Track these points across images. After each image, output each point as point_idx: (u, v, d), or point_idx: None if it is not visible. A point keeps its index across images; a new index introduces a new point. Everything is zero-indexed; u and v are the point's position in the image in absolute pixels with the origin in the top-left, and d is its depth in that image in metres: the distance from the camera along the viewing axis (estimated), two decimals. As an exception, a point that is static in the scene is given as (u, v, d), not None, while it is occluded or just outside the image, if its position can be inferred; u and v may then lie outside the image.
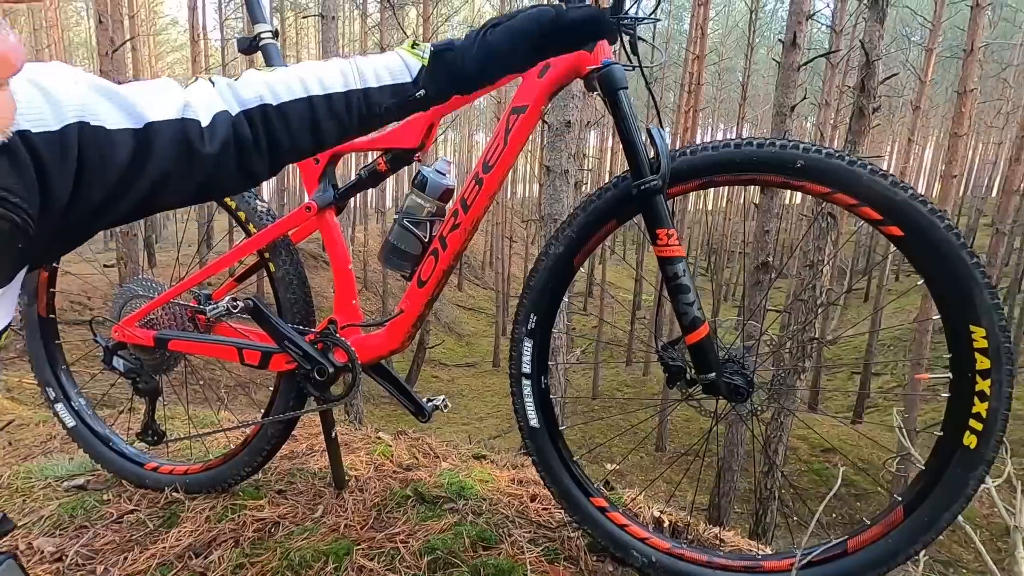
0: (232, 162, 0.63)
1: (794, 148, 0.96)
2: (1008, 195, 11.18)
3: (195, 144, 0.59)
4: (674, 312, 1.02)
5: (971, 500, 0.97)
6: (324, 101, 0.67)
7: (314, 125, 0.67)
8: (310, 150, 0.70)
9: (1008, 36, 21.46)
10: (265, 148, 0.65)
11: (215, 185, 0.64)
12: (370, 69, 0.71)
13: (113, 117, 0.54)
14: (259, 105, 0.64)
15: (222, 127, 0.61)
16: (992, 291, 0.92)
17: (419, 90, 0.72)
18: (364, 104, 0.70)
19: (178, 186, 0.59)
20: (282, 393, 1.32)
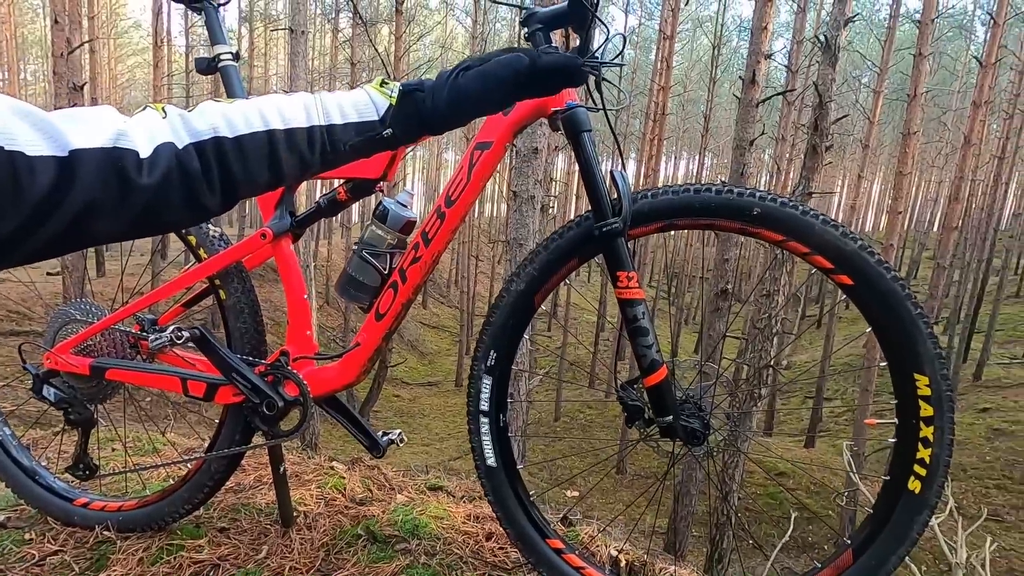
0: (176, 195, 0.59)
1: (751, 196, 0.99)
2: (948, 231, 11.85)
3: (130, 174, 0.55)
4: (634, 352, 1.02)
5: (916, 543, 1.00)
6: (285, 135, 0.65)
7: (273, 159, 0.65)
8: (267, 185, 0.67)
9: (947, 83, 22.97)
10: (217, 181, 0.61)
11: (156, 218, 0.60)
12: (335, 105, 0.69)
13: (33, 142, 0.50)
14: (212, 137, 0.61)
15: (164, 158, 0.57)
16: (935, 341, 0.96)
17: (386, 129, 0.70)
18: (327, 140, 0.68)
19: (110, 218, 0.55)
20: (228, 426, 1.26)
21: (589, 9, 0.98)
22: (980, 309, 17.16)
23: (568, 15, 1.00)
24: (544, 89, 0.75)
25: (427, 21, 27.16)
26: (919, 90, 9.68)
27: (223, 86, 1.20)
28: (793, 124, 14.96)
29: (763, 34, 6.83)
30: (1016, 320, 18.76)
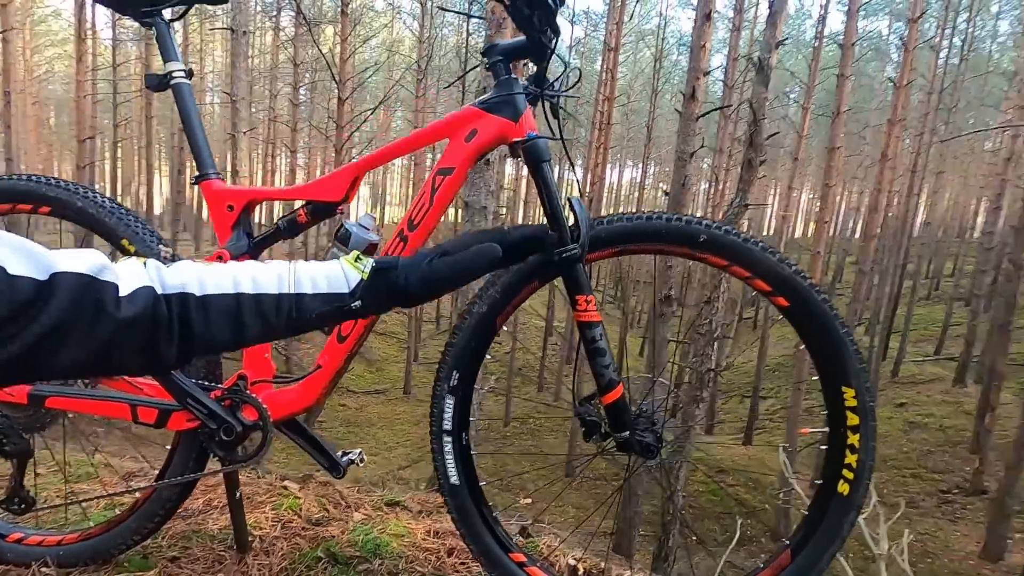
0: (139, 338, 0.60)
1: (698, 224, 1.06)
2: (868, 239, 12.74)
3: (106, 304, 0.56)
4: (592, 372, 1.08)
5: (845, 540, 1.10)
6: (252, 300, 0.67)
7: (236, 321, 0.66)
8: (228, 344, 0.68)
9: (867, 101, 24.71)
10: (176, 332, 0.62)
11: (115, 355, 0.59)
12: (308, 276, 0.72)
13: (15, 263, 0.50)
14: (180, 292, 0.63)
15: (141, 300, 0.59)
16: (859, 356, 1.06)
17: (355, 301, 0.73)
18: (295, 308, 0.70)
19: (75, 343, 0.55)
20: (181, 453, 1.22)
21: (547, 45, 1.03)
22: (897, 310, 18.52)
23: (527, 47, 1.05)
24: (514, 262, 0.85)
25: (373, 23, 26.78)
26: (842, 108, 10.39)
27: (175, 104, 1.18)
28: (730, 136, 15.70)
29: (702, 52, 7.16)
30: (928, 320, 20.35)
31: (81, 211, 1.20)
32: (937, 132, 17.62)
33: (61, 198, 1.20)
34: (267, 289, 0.68)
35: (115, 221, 1.19)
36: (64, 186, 1.20)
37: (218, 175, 1.19)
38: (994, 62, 25.67)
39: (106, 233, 1.20)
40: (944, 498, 11.36)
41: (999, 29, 26.33)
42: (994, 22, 25.82)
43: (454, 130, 1.10)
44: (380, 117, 28.58)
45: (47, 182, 1.21)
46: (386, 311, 0.78)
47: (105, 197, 1.22)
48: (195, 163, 1.18)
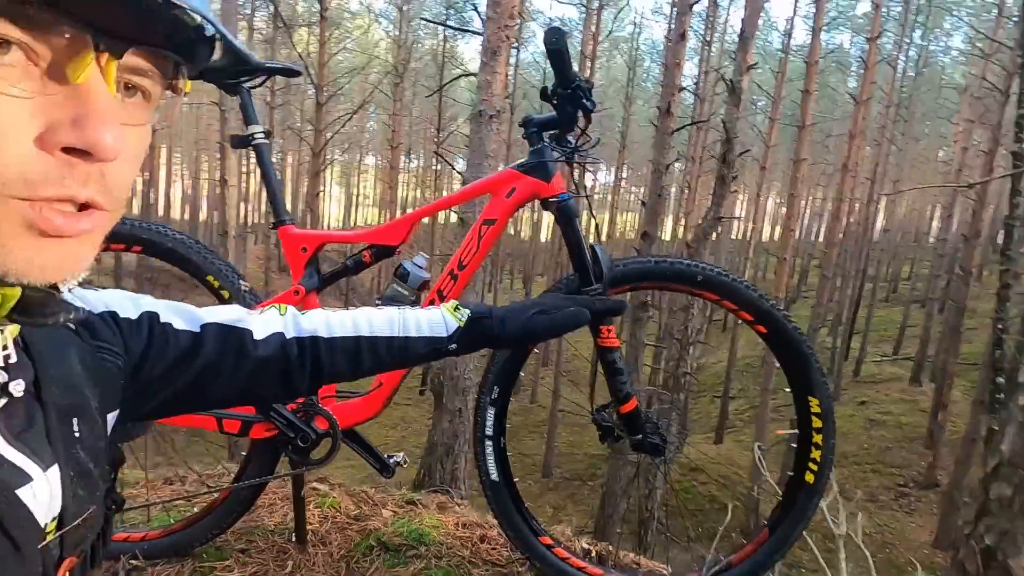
0: (275, 372, 0.74)
1: (696, 266, 1.32)
2: (831, 246, 13.37)
3: (246, 346, 0.72)
4: (610, 388, 1.32)
5: (811, 520, 1.37)
6: (368, 341, 0.80)
7: (355, 359, 0.80)
8: (348, 376, 0.82)
9: (830, 112, 25.73)
10: (308, 368, 0.76)
11: (258, 388, 0.75)
12: (413, 322, 0.83)
13: (178, 322, 0.69)
14: (311, 335, 0.77)
15: (273, 342, 0.74)
16: (821, 371, 1.33)
17: (451, 344, 0.84)
18: (402, 349, 0.82)
19: (226, 379, 0.70)
20: (257, 458, 1.42)
21: (575, 125, 1.27)
22: (858, 312, 19.38)
23: (558, 122, 1.29)
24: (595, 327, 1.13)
25: (347, 25, 26.69)
26: (807, 122, 10.94)
27: (256, 161, 1.38)
28: (701, 145, 16.23)
29: (676, 70, 7.52)
30: (887, 322, 21.31)
31: (171, 251, 1.39)
32: (895, 142, 18.53)
33: (153, 239, 1.39)
34: (380, 332, 0.81)
35: (201, 259, 1.39)
36: (155, 228, 1.39)
37: (292, 221, 1.40)
38: (947, 76, 27.04)
39: (194, 271, 1.39)
40: (901, 491, 12.01)
41: (951, 45, 27.76)
42: (947, 38, 27.22)
43: (497, 188, 1.33)
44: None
45: (138, 224, 1.40)
46: (475, 351, 0.89)
47: (191, 238, 1.42)
48: (272, 211, 1.39)
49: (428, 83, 25.74)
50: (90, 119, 0.39)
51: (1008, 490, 1.17)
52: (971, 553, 1.20)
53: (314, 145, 13.03)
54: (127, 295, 0.66)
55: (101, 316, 0.61)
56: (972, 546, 1.21)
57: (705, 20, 15.63)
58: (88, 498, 0.51)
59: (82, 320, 0.54)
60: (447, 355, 0.87)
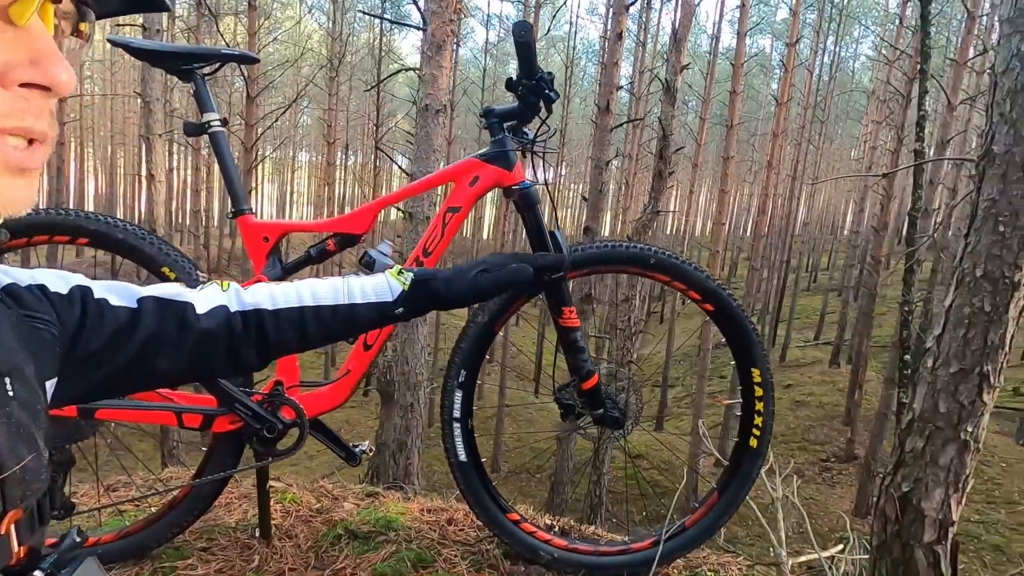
0: (221, 345, 0.73)
1: (648, 250, 1.41)
2: (758, 239, 14.16)
3: (188, 318, 0.71)
4: (572, 365, 1.39)
5: (755, 482, 1.49)
6: (313, 311, 0.80)
7: (302, 329, 0.79)
8: (296, 347, 0.81)
9: (754, 112, 27.19)
10: (254, 341, 0.76)
11: (205, 361, 0.74)
12: (358, 289, 0.84)
13: (113, 298, 0.68)
14: (255, 308, 0.77)
15: (217, 315, 0.73)
16: (761, 345, 1.46)
17: (397, 308, 0.84)
18: (349, 316, 0.82)
19: (170, 352, 0.69)
20: (219, 452, 1.40)
21: (535, 116, 1.33)
22: (783, 301, 20.64)
23: (519, 113, 1.35)
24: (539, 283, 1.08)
25: (278, 15, 25.66)
26: (735, 121, 11.53)
27: (212, 149, 1.35)
28: (637, 142, 16.76)
29: (614, 69, 7.76)
30: (808, 310, 22.81)
31: (121, 242, 1.34)
32: (812, 142, 19.83)
33: (101, 231, 1.33)
34: (325, 301, 0.81)
35: (155, 251, 1.35)
36: (103, 219, 1.34)
37: (251, 211, 1.38)
38: (857, 81, 29.17)
39: (147, 262, 1.35)
40: (824, 466, 12.93)
41: (860, 51, 29.98)
42: (856, 45, 29.36)
43: (459, 176, 1.37)
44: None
45: (84, 215, 1.34)
46: (423, 314, 0.89)
47: (143, 228, 1.37)
48: (231, 200, 1.36)
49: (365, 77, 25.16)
50: (48, 58, 0.43)
51: (920, 442, 1.33)
52: (891, 500, 1.36)
53: (245, 140, 12.49)
54: (56, 272, 0.65)
55: (29, 288, 0.60)
56: (891, 494, 1.36)
57: (639, 22, 16.15)
58: (28, 453, 0.51)
59: (7, 289, 0.56)
60: (395, 320, 0.87)
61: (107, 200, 29.84)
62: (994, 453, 11.58)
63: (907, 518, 1.34)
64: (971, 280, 1.28)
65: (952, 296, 1.32)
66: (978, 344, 1.26)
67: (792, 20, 14.03)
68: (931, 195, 10.02)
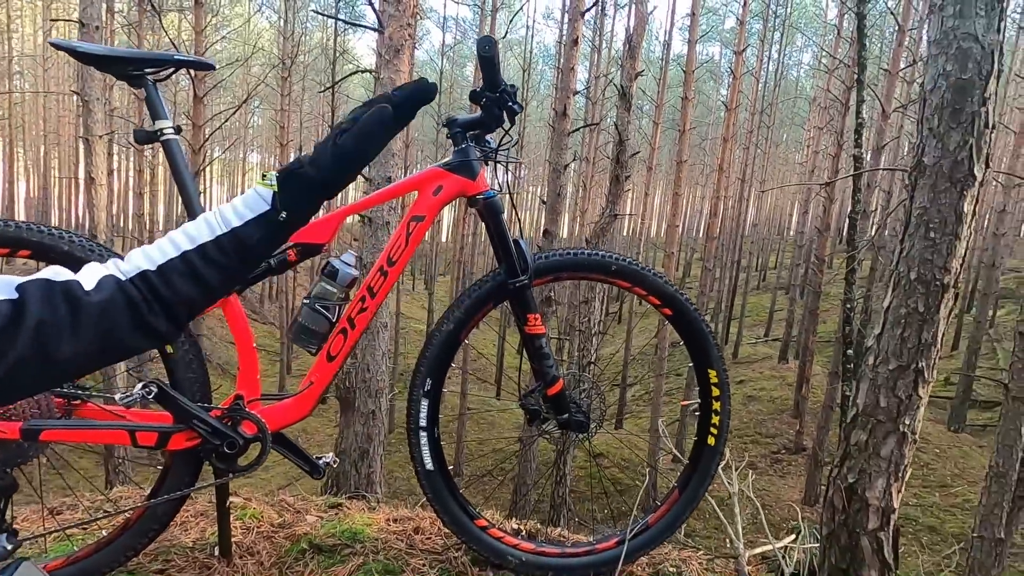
0: (124, 317, 0.67)
1: (610, 258, 1.45)
2: (710, 240, 14.61)
3: (77, 295, 0.64)
4: (537, 371, 1.41)
5: (714, 478, 1.55)
6: (197, 253, 0.73)
7: (194, 276, 0.72)
8: (202, 298, 0.74)
9: (705, 118, 28.08)
10: (156, 306, 0.70)
11: (113, 339, 0.67)
12: (231, 211, 0.77)
13: None
14: (138, 272, 0.70)
15: (107, 285, 0.67)
16: (718, 347, 1.52)
17: (281, 213, 0.76)
18: (236, 243, 0.75)
19: (70, 335, 0.63)
20: (176, 470, 1.35)
21: (498, 126, 1.35)
22: (735, 300, 21.38)
23: (482, 123, 1.36)
24: (408, 116, 0.86)
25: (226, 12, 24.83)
26: (687, 127, 11.88)
27: (166, 158, 1.31)
28: (594, 146, 17.04)
29: (571, 74, 7.88)
30: (758, 308, 23.70)
31: (67, 255, 1.27)
32: (760, 146, 20.63)
33: (44, 242, 1.27)
34: (203, 238, 0.74)
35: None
36: (48, 231, 1.27)
37: (208, 220, 1.34)
38: (800, 88, 30.53)
39: (96, 274, 1.29)
40: (775, 458, 13.45)
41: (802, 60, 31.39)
42: (799, 54, 30.73)
43: (423, 185, 1.37)
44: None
45: (25, 226, 1.27)
46: (315, 205, 0.80)
47: (90, 240, 1.31)
48: (187, 211, 1.32)
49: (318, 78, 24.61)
50: None
51: (864, 435, 1.41)
52: (838, 491, 1.44)
53: (192, 142, 12.03)
54: None
55: None
56: (838, 485, 1.44)
57: (594, 28, 16.44)
58: None
59: None
60: (286, 227, 0.78)
61: (41, 204, 28.12)
62: (928, 440, 12.33)
63: (853, 507, 1.43)
64: (906, 283, 1.37)
65: (890, 298, 1.41)
66: (913, 342, 1.35)
67: (739, 29, 14.57)
68: (869, 197, 10.59)
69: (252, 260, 0.77)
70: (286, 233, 0.78)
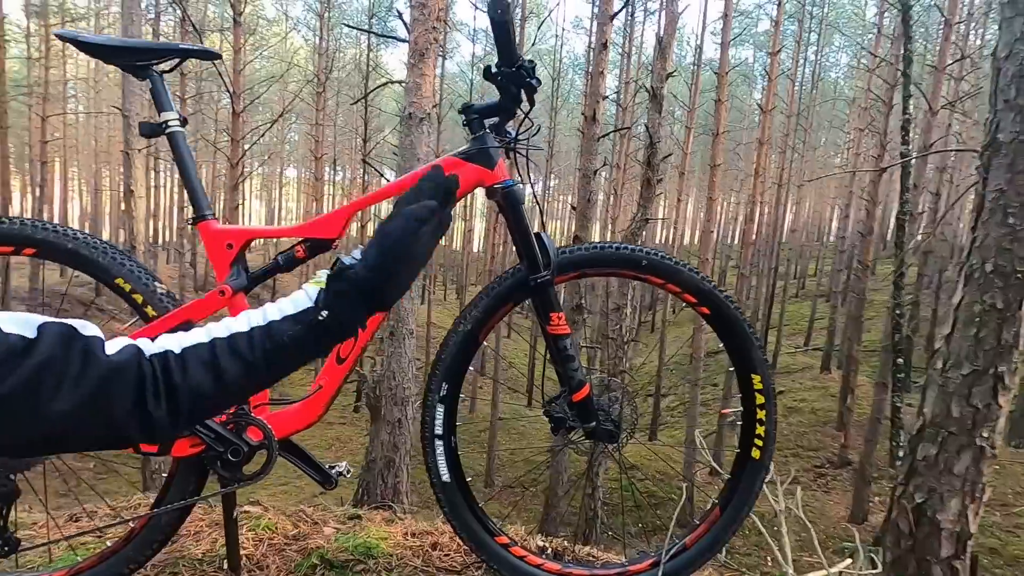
0: (129, 390, 0.62)
1: (640, 251, 1.33)
2: (746, 246, 14.20)
3: (94, 349, 0.61)
4: (561, 376, 1.30)
5: (759, 495, 1.40)
6: (225, 342, 0.68)
7: (214, 366, 0.66)
8: (212, 394, 0.67)
9: (739, 122, 27.50)
10: (162, 387, 0.64)
11: (107, 409, 0.61)
12: (274, 307, 0.72)
13: (9, 325, 0.58)
14: (162, 352, 0.66)
15: (127, 353, 0.64)
16: (762, 349, 1.37)
17: (321, 312, 0.71)
18: (266, 337, 0.69)
19: (69, 388, 0.59)
20: (180, 478, 1.28)
21: (517, 109, 1.25)
22: (772, 308, 20.71)
23: (499, 108, 1.26)
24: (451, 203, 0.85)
25: (265, 32, 25.66)
26: (720, 130, 11.60)
27: (172, 151, 1.26)
28: (625, 153, 16.84)
29: (600, 79, 7.76)
30: (797, 316, 22.89)
31: (72, 253, 1.23)
32: (797, 150, 20.05)
33: (49, 240, 1.23)
34: (237, 329, 0.69)
35: (108, 261, 1.24)
36: (52, 228, 1.24)
37: (214, 216, 1.28)
38: (839, 90, 29.64)
39: (100, 274, 1.24)
40: (818, 472, 12.87)
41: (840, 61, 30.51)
42: (836, 55, 29.89)
43: (438, 176, 1.28)
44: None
45: (30, 223, 1.24)
46: (361, 313, 0.74)
47: (95, 237, 1.27)
48: (192, 206, 1.27)
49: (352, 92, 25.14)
50: None
51: (933, 449, 1.25)
52: (904, 512, 1.27)
53: (231, 156, 12.38)
54: None
55: None
56: (904, 505, 1.28)
57: (624, 34, 16.30)
58: None
59: None
60: (324, 327, 0.71)
61: (92, 219, 29.47)
62: (987, 455, 11.58)
63: (921, 531, 1.26)
64: (980, 276, 1.21)
65: (961, 293, 1.25)
66: (991, 343, 1.19)
67: (774, 30, 14.22)
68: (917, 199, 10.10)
69: (278, 363, 0.70)
70: (324, 339, 0.71)
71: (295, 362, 0.71)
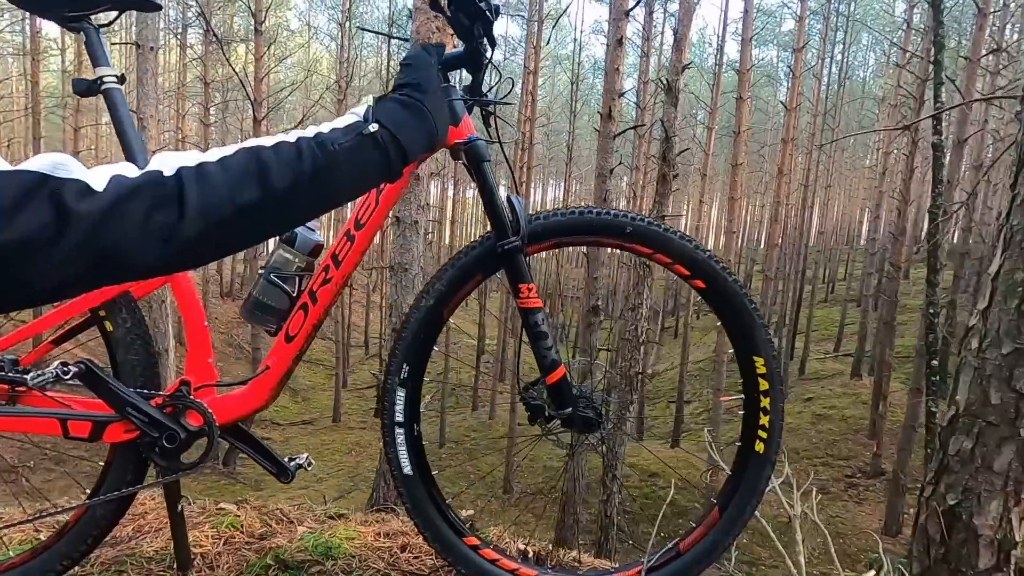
0: (135, 216, 0.52)
1: (624, 217, 1.18)
2: (771, 248, 13.81)
3: (65, 199, 0.49)
4: (535, 355, 1.15)
5: (764, 494, 1.23)
6: (271, 150, 0.62)
7: (262, 170, 0.60)
8: (253, 203, 0.58)
9: (762, 122, 26.98)
10: (196, 202, 0.54)
11: (118, 251, 0.51)
12: (324, 125, 0.70)
13: None
14: (196, 163, 0.57)
15: (117, 186, 0.52)
16: (766, 329, 1.21)
17: (370, 124, 0.70)
18: (315, 146, 0.65)
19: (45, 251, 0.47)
20: (117, 466, 1.17)
21: (483, 55, 1.12)
22: (799, 313, 20.12)
23: (464, 57, 1.13)
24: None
25: (288, 43, 26.16)
26: (742, 128, 11.31)
27: (107, 110, 1.16)
28: (644, 155, 16.59)
29: (616, 75, 7.59)
30: (827, 321, 22.21)
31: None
32: (824, 150, 19.51)
33: None
34: (284, 138, 0.65)
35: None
36: None
37: (154, 180, 1.18)
38: (868, 88, 28.87)
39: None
40: (850, 482, 12.36)
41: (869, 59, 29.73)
42: (864, 53, 29.13)
43: (396, 134, 1.15)
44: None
45: None
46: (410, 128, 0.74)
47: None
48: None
49: (373, 100, 25.36)
50: None
51: (968, 443, 1.07)
52: (934, 515, 1.09)
53: (252, 161, 12.53)
54: None
55: None
56: (934, 507, 1.10)
57: (642, 33, 16.10)
58: None
59: None
60: (376, 142, 0.69)
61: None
62: None
63: (956, 539, 1.08)
64: (1023, 239, 1.03)
65: (1000, 260, 1.07)
66: (1036, 316, 1.01)
67: (799, 26, 13.86)
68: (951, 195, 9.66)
69: (326, 178, 0.65)
70: (374, 154, 0.69)
71: (343, 183, 0.67)
